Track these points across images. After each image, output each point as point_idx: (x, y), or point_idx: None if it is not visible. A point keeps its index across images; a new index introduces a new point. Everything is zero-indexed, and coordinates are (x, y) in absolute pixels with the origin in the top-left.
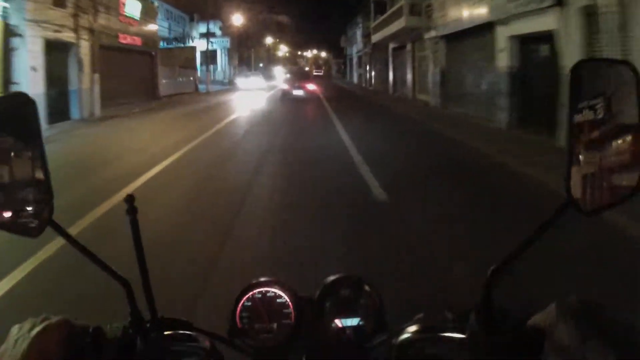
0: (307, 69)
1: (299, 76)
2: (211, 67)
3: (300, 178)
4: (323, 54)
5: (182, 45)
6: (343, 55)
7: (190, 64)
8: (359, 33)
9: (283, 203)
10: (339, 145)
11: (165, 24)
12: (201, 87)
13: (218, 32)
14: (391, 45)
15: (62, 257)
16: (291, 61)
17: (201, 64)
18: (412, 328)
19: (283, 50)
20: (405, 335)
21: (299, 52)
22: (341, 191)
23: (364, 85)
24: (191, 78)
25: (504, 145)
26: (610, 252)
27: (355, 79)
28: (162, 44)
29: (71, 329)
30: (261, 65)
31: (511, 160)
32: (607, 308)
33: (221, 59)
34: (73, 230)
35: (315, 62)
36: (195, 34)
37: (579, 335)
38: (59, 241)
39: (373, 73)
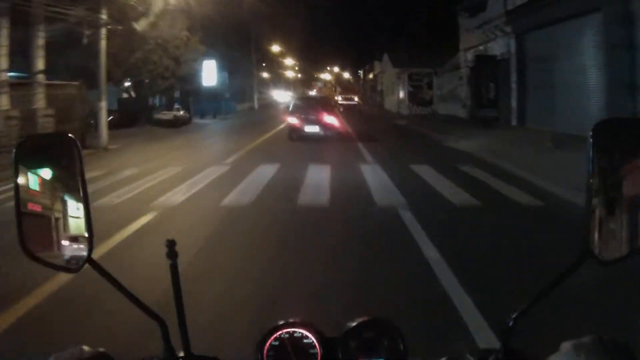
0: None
1: (314, 105)
2: None
3: None
4: (346, 75)
5: None
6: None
7: None
8: None
9: None
10: None
11: None
12: None
13: None
14: None
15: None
16: (305, 84)
17: None
18: None
19: (271, 60)
20: None
21: (315, 74)
22: None
23: None
24: None
25: None
26: None
27: None
28: None
29: None
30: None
31: None
32: (623, 344)
33: None
34: None
35: (340, 83)
36: None
37: None
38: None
39: None
